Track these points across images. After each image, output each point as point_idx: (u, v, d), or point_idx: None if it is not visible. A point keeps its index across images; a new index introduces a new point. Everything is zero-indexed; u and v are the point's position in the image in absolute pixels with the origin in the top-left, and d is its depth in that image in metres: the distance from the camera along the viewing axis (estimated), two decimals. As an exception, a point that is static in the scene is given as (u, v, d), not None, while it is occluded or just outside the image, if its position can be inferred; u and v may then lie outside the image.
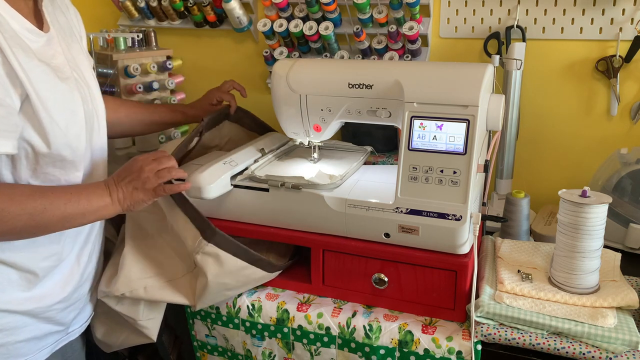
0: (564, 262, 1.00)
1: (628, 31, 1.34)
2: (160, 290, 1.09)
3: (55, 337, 1.04)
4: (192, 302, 1.10)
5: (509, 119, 1.40)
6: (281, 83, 1.13)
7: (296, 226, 1.11)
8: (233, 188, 1.12)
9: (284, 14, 1.56)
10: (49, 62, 0.93)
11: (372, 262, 1.07)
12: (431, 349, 1.00)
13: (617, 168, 1.28)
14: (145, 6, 1.72)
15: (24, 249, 0.93)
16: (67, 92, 0.95)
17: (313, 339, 1.09)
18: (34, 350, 1.00)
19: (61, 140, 0.92)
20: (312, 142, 1.22)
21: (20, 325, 0.96)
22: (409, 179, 1.01)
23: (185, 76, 1.72)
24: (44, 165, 0.92)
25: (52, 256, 0.98)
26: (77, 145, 0.96)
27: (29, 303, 0.96)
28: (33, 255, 0.95)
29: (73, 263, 1.04)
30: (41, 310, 0.98)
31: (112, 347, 1.20)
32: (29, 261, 0.95)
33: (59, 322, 1.04)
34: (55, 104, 0.91)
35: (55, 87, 0.92)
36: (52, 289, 1.00)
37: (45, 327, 1.01)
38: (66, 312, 1.04)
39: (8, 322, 0.94)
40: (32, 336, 0.98)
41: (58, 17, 1.03)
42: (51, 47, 0.96)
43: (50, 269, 0.99)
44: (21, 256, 0.94)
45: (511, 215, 1.24)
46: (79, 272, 1.06)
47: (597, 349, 0.90)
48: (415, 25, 1.42)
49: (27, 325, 0.97)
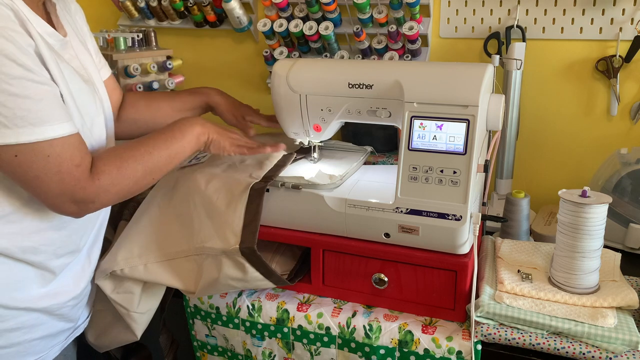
0: (564, 262, 1.00)
1: (628, 31, 1.34)
2: (160, 269, 1.09)
3: (65, 333, 1.06)
4: (190, 289, 1.09)
5: (509, 119, 1.40)
6: (281, 83, 1.13)
7: (296, 226, 1.11)
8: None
9: (284, 14, 1.56)
10: (70, 64, 0.94)
11: (372, 262, 1.07)
12: (431, 349, 1.00)
13: (617, 168, 1.28)
14: (145, 6, 1.72)
15: (44, 250, 0.95)
16: (90, 94, 0.97)
17: (313, 339, 1.09)
18: (47, 347, 1.01)
19: (87, 140, 0.94)
20: (312, 142, 1.22)
21: (37, 323, 0.97)
22: (409, 179, 1.01)
23: (185, 76, 1.72)
24: None
25: (69, 254, 1.00)
26: (99, 148, 0.99)
27: (45, 300, 0.97)
28: (52, 255, 0.96)
29: (84, 259, 1.05)
30: (56, 307, 0.99)
31: (102, 347, 1.20)
32: (48, 260, 0.96)
33: (70, 319, 1.05)
34: (83, 105, 0.93)
35: (81, 88, 0.94)
36: (66, 285, 1.01)
37: (59, 324, 1.02)
38: (77, 309, 1.06)
39: (26, 320, 0.95)
40: (47, 334, 1.00)
41: (67, 19, 1.04)
42: (67, 50, 0.97)
43: (65, 265, 1.00)
44: (41, 257, 0.95)
45: (511, 215, 1.24)
46: (90, 268, 1.07)
47: (597, 349, 0.90)
48: (415, 25, 1.42)
49: (42, 323, 0.98)
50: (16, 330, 0.94)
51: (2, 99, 0.78)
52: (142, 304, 1.12)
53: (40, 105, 0.81)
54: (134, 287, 1.10)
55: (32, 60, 0.82)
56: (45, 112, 0.82)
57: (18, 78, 0.79)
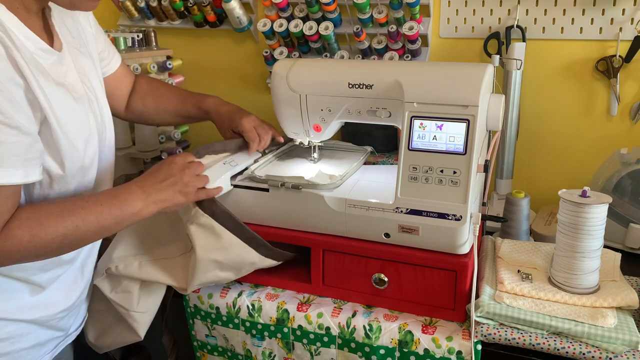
0: (564, 262, 1.00)
1: (628, 31, 1.34)
2: (154, 268, 1.09)
3: (55, 342, 1.05)
4: (183, 286, 1.09)
5: (509, 119, 1.40)
6: (281, 83, 1.13)
7: (296, 226, 1.11)
8: (233, 188, 1.12)
9: (284, 14, 1.56)
10: (62, 82, 0.90)
11: (372, 262, 1.07)
12: (431, 349, 1.00)
13: (617, 168, 1.28)
14: (145, 6, 1.72)
15: (29, 267, 0.93)
16: (82, 113, 0.94)
17: (313, 339, 1.09)
18: (37, 356, 1.00)
19: (78, 163, 0.91)
20: (312, 142, 1.22)
21: (25, 333, 0.96)
22: (409, 179, 1.01)
23: (185, 76, 1.72)
24: (56, 187, 0.91)
25: (57, 267, 0.98)
26: (91, 165, 0.96)
27: (35, 312, 0.96)
28: (37, 270, 0.95)
29: (77, 271, 1.04)
30: (46, 319, 0.98)
31: (102, 348, 1.20)
32: (33, 275, 0.95)
33: (60, 329, 1.04)
34: (73, 129, 0.90)
35: (72, 110, 0.91)
36: (56, 298, 1.00)
37: (48, 333, 1.01)
38: (67, 319, 1.05)
39: (14, 330, 0.94)
40: (36, 343, 0.99)
41: (65, 22, 0.99)
42: (63, 64, 0.93)
43: (55, 278, 0.99)
44: (26, 273, 0.93)
45: (511, 215, 1.24)
46: (83, 281, 1.06)
47: (597, 349, 0.90)
48: (415, 25, 1.42)
49: (31, 332, 0.97)
50: (4, 341, 0.93)
51: None
52: (142, 303, 1.12)
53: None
54: (131, 286, 1.10)
55: (9, 100, 0.77)
56: (0, 157, 0.77)
57: None
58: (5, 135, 0.77)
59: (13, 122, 0.78)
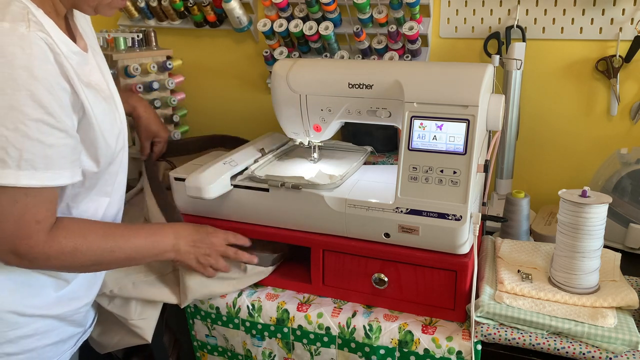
0: (564, 262, 1.00)
1: (628, 31, 1.34)
2: (148, 286, 1.11)
3: (75, 338, 1.07)
4: (178, 301, 1.11)
5: (509, 119, 1.40)
6: (281, 83, 1.13)
7: (296, 226, 1.11)
8: (233, 188, 1.12)
9: (284, 14, 1.56)
10: (89, 82, 0.92)
11: (372, 262, 1.07)
12: (431, 349, 1.00)
13: (617, 168, 1.28)
14: (145, 6, 1.72)
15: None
16: (110, 112, 0.97)
17: (313, 339, 1.09)
18: (59, 352, 1.02)
19: (109, 159, 0.95)
20: (312, 142, 1.22)
21: (50, 329, 0.98)
22: (409, 179, 1.01)
23: (185, 76, 1.72)
24: (87, 184, 0.94)
25: None
26: (115, 160, 1.00)
27: (60, 307, 0.98)
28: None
29: None
30: (70, 314, 1.00)
31: (107, 347, 1.20)
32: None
33: (81, 324, 1.06)
34: (107, 127, 0.94)
35: (104, 109, 0.94)
36: (78, 292, 1.02)
37: (70, 329, 1.03)
38: (87, 314, 1.07)
39: (40, 326, 0.96)
40: (59, 339, 1.00)
41: (81, 23, 1.01)
42: (87, 64, 0.95)
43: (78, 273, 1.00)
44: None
45: (511, 215, 1.24)
46: (101, 274, 1.08)
47: (597, 349, 0.90)
48: (415, 25, 1.42)
49: (55, 328, 0.99)
50: (30, 337, 0.94)
51: (12, 138, 0.77)
52: (141, 311, 1.13)
53: (49, 151, 0.81)
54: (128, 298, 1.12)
55: (59, 104, 0.81)
56: (51, 160, 0.81)
57: (35, 120, 0.78)
58: (56, 138, 0.82)
59: (62, 125, 0.82)
